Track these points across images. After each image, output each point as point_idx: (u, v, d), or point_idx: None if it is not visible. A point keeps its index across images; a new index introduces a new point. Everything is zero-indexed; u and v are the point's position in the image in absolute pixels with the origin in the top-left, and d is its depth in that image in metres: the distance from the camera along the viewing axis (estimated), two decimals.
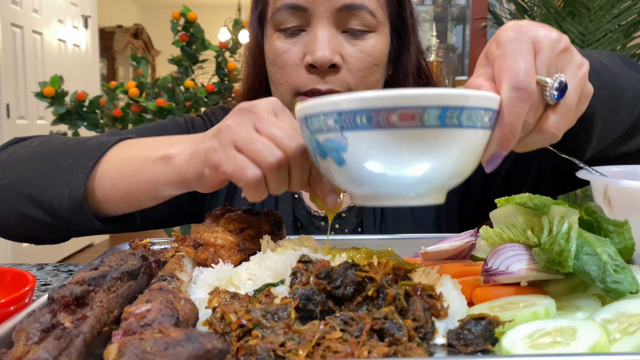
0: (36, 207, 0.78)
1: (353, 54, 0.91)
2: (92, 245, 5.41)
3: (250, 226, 0.69)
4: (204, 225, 0.70)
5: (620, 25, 2.21)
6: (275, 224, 0.72)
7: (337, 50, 0.90)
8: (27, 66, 4.25)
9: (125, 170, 0.74)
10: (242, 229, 0.69)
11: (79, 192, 0.75)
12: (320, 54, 0.88)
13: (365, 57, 0.92)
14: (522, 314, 0.50)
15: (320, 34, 0.89)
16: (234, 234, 0.68)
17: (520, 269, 0.57)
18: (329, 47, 0.88)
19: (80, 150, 0.79)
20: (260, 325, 0.47)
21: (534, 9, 2.32)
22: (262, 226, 0.70)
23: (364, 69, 0.92)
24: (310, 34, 0.91)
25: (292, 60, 0.92)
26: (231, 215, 0.70)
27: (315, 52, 0.88)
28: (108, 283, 0.51)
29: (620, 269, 0.52)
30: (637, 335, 0.45)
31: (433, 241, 0.74)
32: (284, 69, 0.93)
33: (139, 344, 0.38)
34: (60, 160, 0.79)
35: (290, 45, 0.93)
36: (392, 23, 0.97)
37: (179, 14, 2.94)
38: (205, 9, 6.98)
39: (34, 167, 0.80)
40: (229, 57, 3.16)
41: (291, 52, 0.92)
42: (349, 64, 0.91)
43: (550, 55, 0.52)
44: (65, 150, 0.81)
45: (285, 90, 0.94)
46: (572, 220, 0.56)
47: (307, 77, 0.91)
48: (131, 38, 7.14)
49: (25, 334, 0.42)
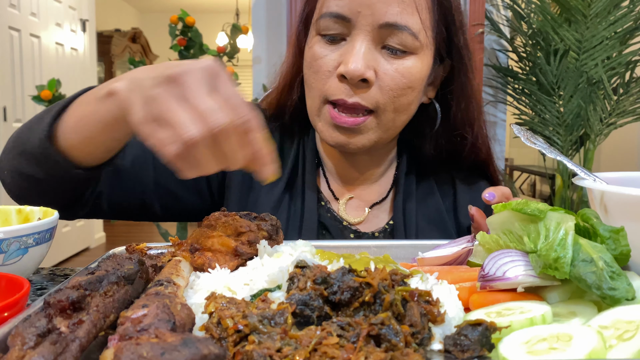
0: (26, 160, 0.82)
1: (388, 72, 0.90)
2: (88, 249, 5.40)
3: (247, 231, 0.69)
4: (201, 230, 0.70)
5: (617, 32, 2.22)
6: (272, 229, 0.71)
7: (372, 65, 0.89)
8: (25, 69, 4.25)
9: (81, 115, 0.75)
10: (240, 233, 0.68)
11: (44, 133, 0.77)
12: (353, 67, 0.87)
13: (400, 77, 0.90)
14: (519, 320, 0.50)
15: (358, 46, 0.88)
16: (231, 238, 0.68)
17: (516, 275, 0.57)
18: (363, 61, 0.87)
19: (56, 106, 0.82)
20: (257, 331, 0.46)
21: (531, 15, 2.33)
22: (259, 231, 0.69)
23: (396, 89, 0.90)
24: (349, 44, 0.90)
25: (327, 66, 0.92)
26: (228, 220, 0.70)
27: (349, 63, 0.87)
28: (104, 287, 0.51)
29: (616, 275, 0.52)
30: (633, 342, 0.45)
31: (430, 247, 0.74)
32: (318, 73, 0.93)
33: (135, 349, 0.38)
34: (40, 116, 0.83)
35: (328, 51, 0.92)
36: (437, 47, 0.95)
37: (177, 18, 2.95)
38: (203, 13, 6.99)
39: (29, 124, 0.85)
40: (226, 61, 3.17)
41: (327, 59, 0.92)
42: (381, 81, 0.90)
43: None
44: (49, 107, 0.83)
45: (316, 95, 0.94)
46: (569, 227, 0.56)
47: (338, 86, 0.90)
48: (129, 42, 7.14)
49: (21, 338, 0.42)
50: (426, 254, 0.72)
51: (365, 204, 1.06)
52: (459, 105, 1.01)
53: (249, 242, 0.68)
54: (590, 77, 2.24)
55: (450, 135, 1.04)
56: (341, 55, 0.91)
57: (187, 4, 7.38)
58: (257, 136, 0.60)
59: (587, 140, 2.38)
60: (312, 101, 0.95)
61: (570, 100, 2.29)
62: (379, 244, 0.82)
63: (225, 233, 0.68)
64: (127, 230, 6.20)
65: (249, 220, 0.70)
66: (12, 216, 0.87)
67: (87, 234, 5.46)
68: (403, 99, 0.92)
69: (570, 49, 2.25)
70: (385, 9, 0.87)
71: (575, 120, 2.32)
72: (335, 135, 0.93)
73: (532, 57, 2.34)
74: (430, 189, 1.08)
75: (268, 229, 0.70)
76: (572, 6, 2.17)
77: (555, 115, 2.33)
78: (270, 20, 3.45)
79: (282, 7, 3.39)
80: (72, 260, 4.97)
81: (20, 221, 0.87)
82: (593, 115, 2.29)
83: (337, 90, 0.90)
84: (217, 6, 7.90)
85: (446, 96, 1.02)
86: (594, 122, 2.30)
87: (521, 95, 2.41)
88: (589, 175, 0.71)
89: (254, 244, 0.68)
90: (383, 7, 0.87)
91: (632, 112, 2.31)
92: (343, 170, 1.07)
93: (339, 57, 0.91)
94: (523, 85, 2.39)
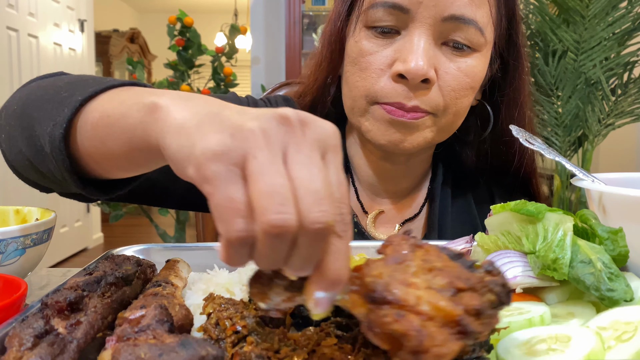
0: (28, 144, 0.63)
1: (450, 70, 0.80)
2: (86, 249, 5.39)
3: (468, 288, 0.39)
4: (385, 261, 0.42)
5: (615, 33, 2.22)
6: (503, 292, 0.40)
7: (433, 63, 0.79)
8: (23, 70, 4.24)
9: (109, 112, 0.53)
10: (458, 290, 0.38)
11: (59, 130, 0.57)
12: (415, 65, 0.76)
13: (463, 77, 0.81)
14: (517, 320, 0.50)
15: (417, 41, 0.78)
16: (445, 297, 0.38)
17: (515, 276, 0.57)
18: (425, 58, 0.77)
19: (83, 84, 0.61)
20: (255, 332, 0.46)
21: (529, 16, 2.33)
22: (486, 293, 0.39)
23: (459, 90, 0.81)
24: (406, 39, 0.79)
25: (378, 64, 0.81)
26: (431, 257, 0.41)
27: (409, 61, 0.77)
28: (102, 288, 0.50)
29: (615, 276, 0.52)
30: (631, 343, 0.45)
31: None
32: (366, 71, 0.81)
33: (133, 350, 0.38)
34: (61, 91, 0.62)
35: (379, 47, 0.81)
36: (496, 44, 0.86)
37: (175, 19, 2.95)
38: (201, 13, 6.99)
39: (39, 97, 0.64)
40: (225, 62, 3.17)
41: (378, 55, 0.81)
42: (442, 81, 0.80)
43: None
44: (75, 82, 0.63)
45: (361, 95, 0.83)
46: (567, 228, 0.56)
47: (392, 87, 0.80)
48: (127, 42, 7.13)
49: (18, 339, 0.42)
50: None
51: (397, 219, 0.97)
52: (509, 112, 0.91)
53: (477, 312, 0.38)
54: (588, 78, 2.25)
55: (496, 143, 0.95)
56: (396, 52, 0.80)
57: (185, 5, 7.37)
58: (344, 246, 0.39)
59: (586, 141, 2.39)
60: (354, 102, 0.84)
61: (568, 101, 2.30)
62: (378, 245, 0.81)
63: (435, 283, 0.39)
64: (126, 231, 6.19)
65: (466, 269, 0.41)
66: (10, 216, 0.87)
67: (85, 235, 5.45)
68: (465, 100, 0.83)
69: (568, 50, 2.25)
70: (452, 0, 0.77)
71: (573, 121, 2.32)
72: (389, 132, 0.82)
73: (531, 58, 2.34)
74: (467, 206, 0.99)
75: (499, 291, 0.39)
76: (570, 7, 2.18)
77: (553, 116, 2.34)
78: (269, 20, 3.45)
79: (281, 8, 3.39)
80: (70, 260, 4.96)
81: (18, 222, 0.87)
82: (591, 116, 2.29)
83: (392, 92, 0.80)
84: (216, 6, 7.90)
85: (496, 99, 0.92)
86: (592, 122, 2.30)
87: None
88: (588, 176, 0.71)
89: (483, 316, 0.38)
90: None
91: (630, 113, 2.31)
92: (376, 179, 0.96)
93: (393, 54, 0.80)
94: None
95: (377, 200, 0.97)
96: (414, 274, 0.39)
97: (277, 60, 3.42)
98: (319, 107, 0.96)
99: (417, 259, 0.41)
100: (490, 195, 1.02)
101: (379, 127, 0.83)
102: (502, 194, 1.01)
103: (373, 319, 0.38)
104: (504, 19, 0.85)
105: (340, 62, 0.89)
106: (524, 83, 0.91)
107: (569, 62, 2.28)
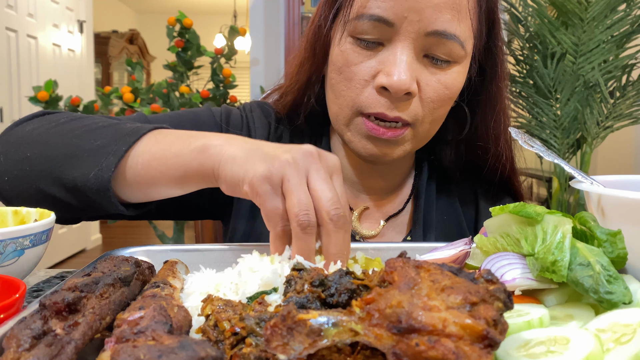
0: (56, 185, 0.76)
1: (430, 83, 0.82)
2: (84, 250, 5.38)
3: (480, 300, 0.40)
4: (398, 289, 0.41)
5: (613, 35, 2.23)
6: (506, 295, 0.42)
7: (415, 76, 0.81)
8: (22, 70, 4.24)
9: (161, 153, 0.72)
10: (472, 303, 0.40)
11: (107, 174, 0.72)
12: (397, 79, 0.78)
13: (443, 89, 0.83)
14: (516, 323, 0.50)
15: (400, 54, 0.80)
16: (467, 314, 0.39)
17: (514, 278, 0.57)
18: (408, 72, 0.79)
19: (112, 132, 0.77)
20: (254, 333, 0.46)
21: (528, 19, 2.34)
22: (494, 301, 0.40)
23: (437, 101, 0.84)
24: (389, 52, 0.81)
25: (362, 75, 0.83)
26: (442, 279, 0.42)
27: (392, 74, 0.79)
28: (100, 289, 0.50)
29: (613, 279, 0.52)
30: (630, 345, 0.45)
31: (427, 249, 0.74)
32: (351, 81, 0.84)
33: (133, 352, 0.38)
34: (90, 140, 0.76)
35: (364, 57, 0.83)
36: (474, 54, 0.88)
37: (174, 20, 2.95)
38: (201, 15, 7.00)
39: (62, 144, 0.77)
40: (224, 63, 3.17)
41: (363, 66, 0.83)
42: (423, 93, 0.83)
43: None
44: (98, 130, 0.78)
45: (347, 104, 0.85)
46: (566, 230, 0.56)
47: (376, 98, 0.82)
48: (126, 43, 7.13)
49: (16, 340, 0.42)
50: (424, 256, 0.72)
51: (381, 216, 0.99)
52: (484, 116, 0.94)
53: (495, 322, 0.39)
54: (587, 80, 2.25)
55: (472, 146, 0.97)
56: (380, 64, 0.82)
57: (184, 6, 7.38)
58: (347, 235, 0.61)
59: (584, 144, 2.39)
60: (340, 110, 0.86)
61: (567, 103, 2.30)
62: (376, 247, 0.81)
63: (450, 301, 0.40)
64: (124, 232, 6.19)
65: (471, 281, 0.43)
66: (9, 217, 0.87)
67: (84, 236, 5.44)
68: (442, 109, 0.86)
69: (567, 53, 2.25)
70: (436, 16, 0.79)
71: (572, 124, 2.32)
72: (370, 147, 0.86)
73: (529, 60, 2.35)
74: (451, 203, 1.01)
75: (504, 298, 0.42)
76: (569, 10, 2.18)
77: (552, 119, 2.34)
78: (268, 22, 3.46)
79: (280, 9, 3.40)
80: (69, 261, 4.95)
81: (16, 222, 0.87)
82: (590, 118, 2.30)
83: (376, 103, 0.82)
84: (215, 8, 7.91)
85: (472, 103, 0.94)
86: (591, 125, 2.31)
87: (518, 98, 2.42)
88: (586, 178, 0.71)
89: (499, 324, 0.39)
90: (433, 14, 0.79)
91: (628, 116, 2.31)
92: (360, 178, 0.98)
93: (377, 65, 0.82)
94: (520, 88, 2.40)
95: (361, 197, 0.99)
96: (429, 296, 0.40)
97: (276, 62, 3.42)
98: (301, 107, 0.97)
99: (426, 280, 0.42)
100: (473, 192, 1.04)
101: (360, 140, 0.86)
102: (484, 192, 1.03)
103: (403, 349, 0.37)
104: (484, 29, 0.88)
105: (323, 64, 0.91)
106: (500, 90, 0.93)
107: (567, 64, 2.28)
